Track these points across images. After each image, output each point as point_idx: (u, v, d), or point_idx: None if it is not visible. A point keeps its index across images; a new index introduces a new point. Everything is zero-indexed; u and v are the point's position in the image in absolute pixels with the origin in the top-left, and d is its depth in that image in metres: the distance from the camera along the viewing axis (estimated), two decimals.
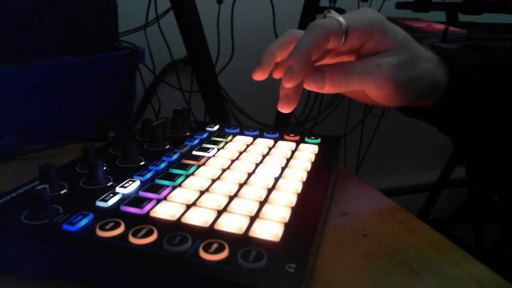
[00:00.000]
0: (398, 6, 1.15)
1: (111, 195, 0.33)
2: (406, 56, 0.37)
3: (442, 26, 0.88)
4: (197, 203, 0.33)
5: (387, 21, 0.38)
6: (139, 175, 0.38)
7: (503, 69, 0.42)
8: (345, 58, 0.40)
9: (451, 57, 0.42)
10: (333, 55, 0.40)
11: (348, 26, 0.35)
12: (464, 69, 0.41)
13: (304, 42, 0.34)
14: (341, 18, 0.35)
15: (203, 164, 0.41)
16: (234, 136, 0.50)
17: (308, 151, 0.45)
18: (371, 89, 0.37)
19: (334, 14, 0.36)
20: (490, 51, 0.44)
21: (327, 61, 0.40)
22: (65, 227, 0.29)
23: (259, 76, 0.40)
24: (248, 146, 0.47)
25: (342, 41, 0.35)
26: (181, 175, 0.38)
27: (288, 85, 0.36)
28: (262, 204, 0.33)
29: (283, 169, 0.40)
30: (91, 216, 0.30)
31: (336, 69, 0.36)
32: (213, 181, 0.37)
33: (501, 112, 0.43)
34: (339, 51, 0.39)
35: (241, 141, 0.48)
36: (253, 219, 0.31)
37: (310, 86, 0.36)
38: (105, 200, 0.32)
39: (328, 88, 0.36)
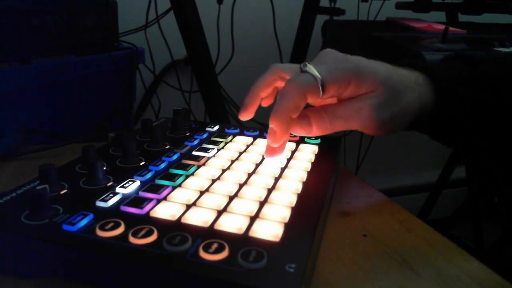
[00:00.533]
0: (398, 6, 1.15)
1: (111, 195, 0.33)
2: (387, 95, 0.38)
3: (442, 26, 0.88)
4: (197, 203, 0.33)
5: (364, 65, 0.38)
6: (139, 175, 0.38)
7: (490, 82, 0.43)
8: (329, 100, 0.41)
9: (436, 75, 0.42)
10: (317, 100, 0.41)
11: (324, 80, 0.35)
12: (450, 86, 0.42)
13: (283, 104, 0.35)
14: (316, 73, 0.35)
15: (203, 164, 0.41)
16: (234, 137, 0.50)
17: (308, 151, 0.45)
18: (357, 129, 0.39)
19: (310, 68, 0.36)
20: (477, 64, 0.44)
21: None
22: (65, 227, 0.29)
23: (245, 117, 0.41)
24: (248, 146, 0.47)
25: (321, 95, 0.36)
26: (181, 175, 0.38)
27: (273, 144, 0.38)
28: (262, 204, 0.33)
29: (283, 169, 0.40)
30: (91, 216, 0.30)
31: (320, 115, 0.37)
32: (213, 181, 0.37)
33: (491, 122, 0.44)
34: (321, 99, 0.39)
35: (241, 141, 0.48)
36: (253, 219, 0.31)
37: (297, 133, 0.38)
38: (105, 200, 0.33)
39: (315, 133, 0.38)
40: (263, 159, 0.43)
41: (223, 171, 0.39)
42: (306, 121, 0.38)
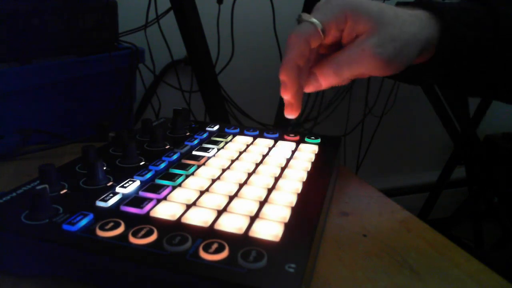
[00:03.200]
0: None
1: (111, 195, 0.33)
2: (385, 31, 0.37)
3: None
4: (197, 203, 0.33)
5: (357, 2, 0.38)
6: (139, 175, 0.38)
7: (502, 26, 0.41)
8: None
9: (441, 13, 0.40)
10: (323, 49, 0.41)
11: (322, 23, 0.36)
12: (458, 26, 0.40)
13: (289, 55, 0.37)
14: (313, 19, 0.36)
15: (203, 164, 0.41)
16: (234, 136, 0.50)
17: (308, 151, 0.45)
18: (363, 72, 0.38)
19: (306, 16, 0.37)
20: (493, 6, 0.41)
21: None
22: (65, 227, 0.29)
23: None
24: (248, 146, 0.47)
25: (322, 37, 0.37)
26: (181, 175, 0.38)
27: (286, 96, 0.38)
28: (262, 204, 0.33)
29: (283, 169, 0.40)
30: (91, 216, 0.30)
31: (325, 67, 0.38)
32: (213, 181, 0.37)
33: (498, 69, 0.42)
34: (325, 45, 0.40)
35: (241, 141, 0.48)
36: (253, 219, 0.31)
37: (309, 89, 0.39)
38: (105, 200, 0.33)
39: (325, 86, 0.38)
40: (263, 158, 0.43)
41: (223, 171, 0.39)
42: (313, 77, 0.39)
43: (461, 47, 0.40)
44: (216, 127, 0.53)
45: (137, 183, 0.36)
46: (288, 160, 0.43)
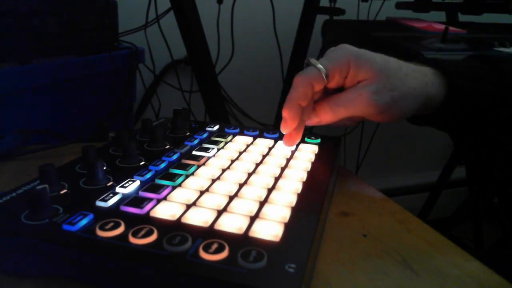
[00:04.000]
0: (398, 6, 1.15)
1: (111, 195, 0.33)
2: (385, 81, 0.39)
3: (442, 26, 0.88)
4: (197, 203, 0.33)
5: (362, 53, 0.40)
6: (139, 175, 0.38)
7: (507, 80, 0.43)
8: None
9: (447, 69, 0.43)
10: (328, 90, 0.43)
11: (326, 69, 0.39)
12: (463, 81, 0.42)
13: (292, 95, 0.39)
14: (319, 65, 0.39)
15: (203, 164, 0.41)
16: (234, 136, 0.50)
17: (308, 151, 0.45)
18: (359, 115, 0.41)
19: (313, 61, 0.40)
20: (495, 63, 0.44)
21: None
22: (65, 227, 0.29)
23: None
24: (248, 146, 0.47)
25: (326, 83, 0.39)
26: (181, 175, 0.38)
27: (285, 131, 0.42)
28: (262, 204, 0.33)
29: (283, 169, 0.40)
30: (91, 216, 0.30)
31: (324, 104, 0.41)
32: (213, 181, 0.37)
33: (505, 121, 0.44)
34: (329, 88, 0.42)
35: (241, 141, 0.48)
36: (253, 219, 0.31)
37: (310, 123, 0.43)
38: (105, 200, 0.33)
39: (324, 121, 0.42)
40: (263, 159, 0.43)
41: (223, 171, 0.39)
42: (314, 113, 0.41)
43: (467, 101, 0.42)
44: (216, 127, 0.53)
45: (137, 183, 0.36)
46: (288, 160, 0.43)
